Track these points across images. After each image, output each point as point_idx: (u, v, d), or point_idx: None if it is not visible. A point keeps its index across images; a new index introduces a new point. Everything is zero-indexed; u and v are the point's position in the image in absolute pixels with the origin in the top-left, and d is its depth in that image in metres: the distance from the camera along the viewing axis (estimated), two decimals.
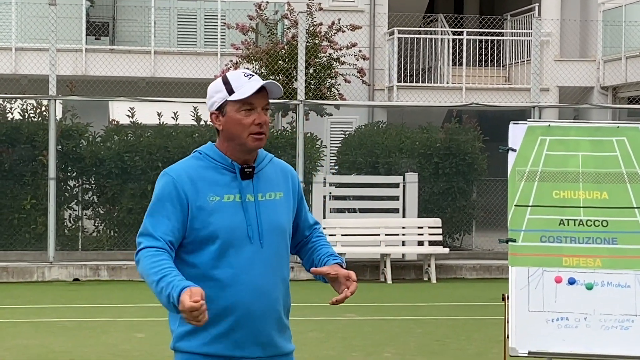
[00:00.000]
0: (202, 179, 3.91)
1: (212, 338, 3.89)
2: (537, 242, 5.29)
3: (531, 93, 17.95)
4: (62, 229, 17.30)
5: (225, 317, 3.89)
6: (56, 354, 10.07)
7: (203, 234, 3.88)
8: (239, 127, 3.92)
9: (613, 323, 5.12)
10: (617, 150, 5.32)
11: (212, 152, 3.98)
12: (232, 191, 3.93)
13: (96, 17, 22.55)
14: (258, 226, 3.93)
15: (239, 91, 3.90)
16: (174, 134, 17.67)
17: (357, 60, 20.47)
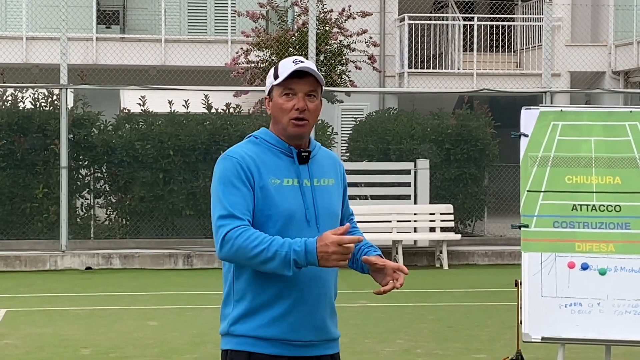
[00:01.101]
0: (263, 162, 3.92)
1: (269, 321, 3.86)
2: (550, 227, 5.27)
3: (542, 78, 17.91)
4: (74, 218, 17.35)
5: (282, 300, 3.88)
6: (69, 342, 10.09)
7: (264, 215, 3.88)
8: (280, 112, 3.94)
9: (627, 308, 5.11)
10: (630, 135, 5.30)
11: (268, 136, 3.99)
12: (291, 175, 3.94)
13: (107, 6, 22.58)
14: (315, 210, 3.95)
15: (282, 76, 3.93)
16: (185, 122, 17.67)
17: (367, 46, 20.45)
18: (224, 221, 3.81)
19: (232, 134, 17.60)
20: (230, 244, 3.77)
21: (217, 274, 16.85)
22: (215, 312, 12.42)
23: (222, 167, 3.91)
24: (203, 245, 17.17)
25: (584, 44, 23.86)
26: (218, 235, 3.82)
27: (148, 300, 13.05)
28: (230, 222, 3.80)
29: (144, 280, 15.02)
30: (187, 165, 17.54)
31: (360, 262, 4.08)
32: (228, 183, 3.87)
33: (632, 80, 23.46)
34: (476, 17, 23.37)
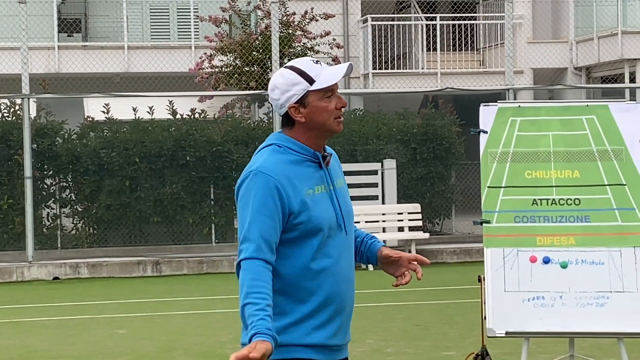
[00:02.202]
0: (295, 174, 3.83)
1: (312, 329, 3.83)
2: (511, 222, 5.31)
3: (505, 76, 18.01)
4: (40, 228, 17.26)
5: (325, 307, 3.85)
6: (37, 352, 10.05)
7: (307, 228, 3.81)
8: (325, 114, 3.87)
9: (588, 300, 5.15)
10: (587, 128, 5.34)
11: (291, 143, 3.89)
12: (319, 182, 3.89)
13: (68, 14, 22.47)
14: (342, 214, 3.92)
15: (320, 79, 3.87)
16: (150, 128, 17.63)
17: (331, 48, 20.49)
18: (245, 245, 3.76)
19: (198, 140, 17.57)
20: (239, 272, 3.75)
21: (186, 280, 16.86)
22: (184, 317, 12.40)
23: (256, 184, 3.80)
24: (172, 252, 17.14)
25: (545, 41, 23.99)
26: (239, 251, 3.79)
27: (117, 309, 12.99)
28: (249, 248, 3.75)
29: (113, 289, 14.96)
30: (153, 171, 17.50)
31: (365, 254, 4.11)
32: (260, 203, 3.77)
33: (594, 75, 23.60)
34: (438, 16, 23.44)
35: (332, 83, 3.86)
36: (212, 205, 17.86)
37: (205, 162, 17.63)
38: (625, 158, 5.33)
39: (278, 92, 3.89)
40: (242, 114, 19.60)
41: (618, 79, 22.59)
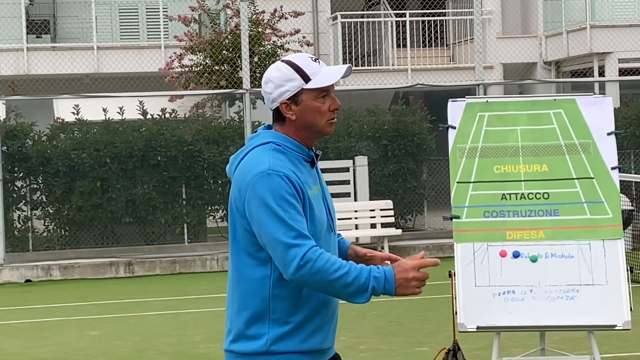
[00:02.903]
0: (298, 173, 3.76)
1: (308, 334, 3.78)
2: (481, 217, 5.31)
3: (475, 71, 18.04)
4: (11, 231, 17.18)
5: (320, 312, 3.81)
6: (10, 356, 10.00)
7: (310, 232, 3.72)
8: (318, 115, 3.78)
9: (558, 294, 5.16)
10: (555, 122, 5.35)
11: (289, 142, 3.80)
12: (314, 182, 3.83)
13: (36, 15, 22.37)
14: (330, 213, 3.88)
15: (316, 78, 3.77)
16: (120, 129, 17.58)
17: (301, 46, 20.49)
18: (298, 241, 3.62)
19: (169, 139, 17.53)
20: (310, 266, 3.60)
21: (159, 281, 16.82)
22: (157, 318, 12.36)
23: (271, 185, 3.67)
24: (144, 252, 17.09)
25: (514, 36, 24.08)
26: (291, 256, 3.62)
27: (89, 310, 12.95)
28: (305, 243, 3.62)
29: (85, 290, 14.91)
30: (124, 172, 17.45)
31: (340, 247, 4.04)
32: (284, 202, 3.66)
33: (563, 69, 23.71)
34: (408, 13, 23.50)
35: (328, 84, 3.77)
36: (184, 205, 17.82)
37: (177, 161, 17.59)
38: (593, 151, 5.35)
39: (272, 85, 3.80)
40: (212, 113, 19.57)
41: (587, 72, 22.71)
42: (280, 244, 3.63)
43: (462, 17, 23.53)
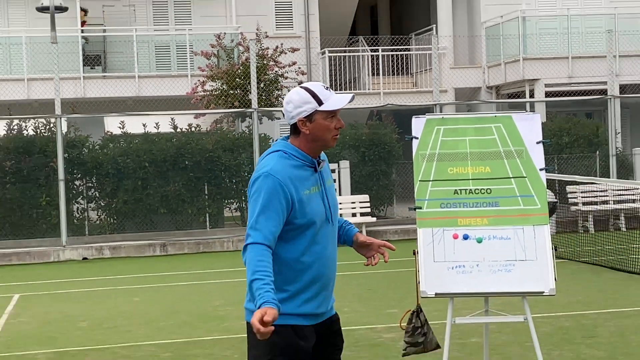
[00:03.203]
0: (296, 177, 3.75)
1: (303, 301, 3.79)
2: (438, 208, 5.30)
3: (433, 94, 18.07)
4: (71, 220, 17.17)
5: (314, 284, 3.80)
6: (70, 317, 9.99)
7: (303, 222, 3.74)
8: (326, 132, 3.78)
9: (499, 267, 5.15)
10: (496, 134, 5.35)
11: (295, 151, 3.80)
12: (314, 183, 3.81)
13: (90, 51, 22.32)
14: (330, 209, 3.87)
15: (327, 102, 3.77)
16: (156, 140, 17.59)
17: (297, 75, 20.47)
18: (251, 231, 3.69)
19: (194, 148, 17.53)
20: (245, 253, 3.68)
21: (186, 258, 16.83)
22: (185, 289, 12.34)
23: (265, 184, 3.71)
24: (175, 236, 17.09)
25: (463, 66, 24.12)
26: (246, 236, 3.72)
27: (132, 282, 12.95)
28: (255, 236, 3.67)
29: (129, 266, 14.91)
30: (159, 173, 17.44)
31: (342, 237, 4.09)
32: (268, 200, 3.69)
33: (502, 92, 23.76)
34: (380, 49, 23.49)
35: (337, 108, 3.77)
36: (206, 199, 17.82)
37: (200, 165, 17.59)
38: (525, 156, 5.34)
39: (292, 105, 3.80)
40: (228, 127, 19.57)
41: (520, 95, 22.74)
42: (248, 225, 3.73)
43: (423, 52, 23.55)
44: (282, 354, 3.75)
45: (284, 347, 3.74)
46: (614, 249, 13.99)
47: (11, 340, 8.80)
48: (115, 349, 8.16)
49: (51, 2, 19.41)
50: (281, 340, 3.74)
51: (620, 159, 18.70)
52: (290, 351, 3.76)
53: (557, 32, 22.37)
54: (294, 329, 3.78)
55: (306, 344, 3.81)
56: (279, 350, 3.74)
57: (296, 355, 3.78)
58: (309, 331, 3.83)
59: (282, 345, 3.75)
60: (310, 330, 3.83)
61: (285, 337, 3.75)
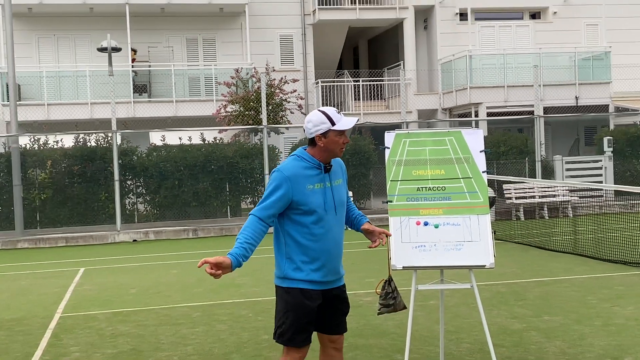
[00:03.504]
0: (302, 175, 3.81)
1: (311, 271, 3.83)
2: (405, 201, 5.29)
3: (401, 114, 18.04)
4: (124, 211, 17.14)
5: (319, 258, 3.84)
6: (123, 285, 9.97)
7: (306, 208, 3.80)
8: (336, 146, 3.84)
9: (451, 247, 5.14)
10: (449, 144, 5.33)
11: (306, 156, 3.87)
12: (319, 181, 3.85)
13: (139, 82, 22.27)
14: (334, 202, 3.89)
15: (339, 124, 3.83)
16: (189, 149, 17.55)
17: (297, 100, 20.48)
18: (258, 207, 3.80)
19: (219, 155, 17.50)
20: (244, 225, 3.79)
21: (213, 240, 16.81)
22: None
23: (275, 176, 3.82)
24: (205, 224, 17.06)
25: (424, 93, 24.13)
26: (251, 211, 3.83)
27: (171, 258, 12.92)
28: (256, 210, 3.78)
29: (169, 246, 14.88)
30: (192, 175, 17.40)
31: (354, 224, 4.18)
32: (276, 189, 3.78)
33: (453, 113, 23.77)
34: (361, 79, 23.48)
35: (346, 128, 3.83)
36: (227, 195, 17.79)
37: (223, 169, 17.56)
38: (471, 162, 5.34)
39: (311, 124, 3.86)
40: (244, 140, 19.54)
41: (468, 114, 22.76)
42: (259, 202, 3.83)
43: (393, 82, 23.55)
44: (292, 309, 3.83)
45: (294, 304, 3.81)
46: (539, 232, 14.01)
47: (78, 303, 8.78)
48: (157, 309, 8.15)
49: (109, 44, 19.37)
50: (291, 299, 3.82)
51: (544, 164, 18.73)
52: (297, 307, 3.81)
53: (496, 66, 22.39)
54: (301, 291, 3.83)
55: (311, 303, 3.84)
56: (290, 306, 3.83)
57: (302, 311, 3.83)
58: (316, 294, 3.86)
59: (292, 302, 3.82)
60: (317, 293, 3.86)
61: (294, 296, 3.83)
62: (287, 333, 3.84)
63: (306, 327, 3.85)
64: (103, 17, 22.75)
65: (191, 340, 6.67)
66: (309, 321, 3.85)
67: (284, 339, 3.85)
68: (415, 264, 5.09)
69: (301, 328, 3.83)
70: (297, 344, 3.84)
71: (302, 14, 23.75)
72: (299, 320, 3.82)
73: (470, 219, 5.17)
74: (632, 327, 6.52)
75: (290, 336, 3.83)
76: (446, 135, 5.34)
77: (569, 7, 24.91)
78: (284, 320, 3.84)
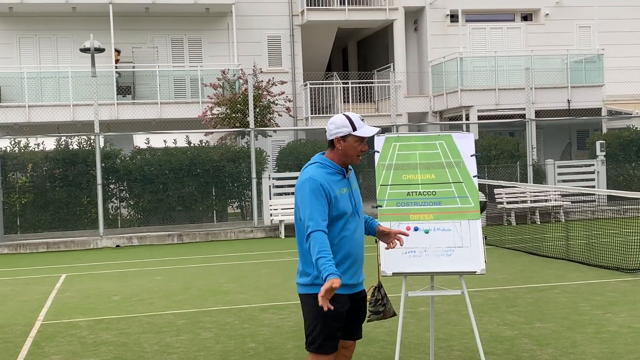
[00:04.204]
0: (331, 180, 3.86)
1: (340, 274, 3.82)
2: (395, 206, 5.30)
3: (391, 117, 18.07)
4: (107, 215, 17.05)
5: (346, 260, 3.89)
6: (106, 292, 9.92)
7: (336, 213, 3.84)
8: (354, 152, 3.90)
9: (442, 252, 5.15)
10: (439, 148, 5.35)
11: (328, 162, 3.92)
12: (344, 186, 3.92)
13: (122, 83, 22.19)
14: (357, 205, 3.97)
15: (360, 130, 3.89)
16: (174, 153, 17.49)
17: (285, 102, 20.45)
18: (310, 222, 3.75)
19: (204, 159, 17.45)
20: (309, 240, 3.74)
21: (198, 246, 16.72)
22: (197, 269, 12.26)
23: (311, 185, 3.82)
24: (190, 229, 17.00)
25: (415, 96, 24.19)
26: (306, 229, 3.76)
27: (155, 264, 12.87)
28: (313, 225, 3.74)
29: (153, 252, 14.82)
30: (177, 179, 17.35)
31: (367, 229, 4.21)
32: (315, 197, 3.79)
33: (444, 116, 23.86)
34: (350, 82, 23.52)
35: (366, 136, 3.90)
36: (213, 199, 17.74)
37: (209, 172, 17.51)
38: (462, 166, 5.35)
39: (334, 126, 3.93)
40: (231, 143, 19.51)
41: (459, 118, 22.85)
42: (305, 219, 3.78)
43: (383, 84, 23.60)
44: (322, 315, 3.82)
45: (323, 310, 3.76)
46: (531, 237, 14.07)
47: (59, 310, 8.73)
48: (141, 317, 8.11)
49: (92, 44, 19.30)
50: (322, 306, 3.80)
51: (535, 168, 18.82)
52: (328, 313, 3.80)
53: (487, 69, 22.49)
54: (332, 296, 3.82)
55: (341, 308, 3.87)
56: (320, 313, 3.80)
57: (332, 316, 3.84)
58: (344, 298, 3.89)
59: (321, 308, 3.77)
60: (345, 298, 3.90)
61: None
62: (318, 340, 3.85)
63: (335, 333, 3.88)
64: (86, 16, 22.68)
65: (175, 348, 6.64)
66: (338, 327, 3.89)
67: (315, 346, 3.86)
68: (406, 270, 5.09)
69: (331, 334, 3.86)
70: (327, 350, 3.86)
71: (290, 15, 23.77)
72: (329, 326, 3.85)
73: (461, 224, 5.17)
74: (625, 335, 6.56)
75: (321, 343, 3.85)
76: (436, 139, 5.35)
77: (561, 9, 25.08)
78: (313, 327, 3.86)
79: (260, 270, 11.21)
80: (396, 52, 24.23)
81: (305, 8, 23.42)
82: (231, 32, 23.14)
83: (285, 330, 7.14)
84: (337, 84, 23.36)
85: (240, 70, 20.92)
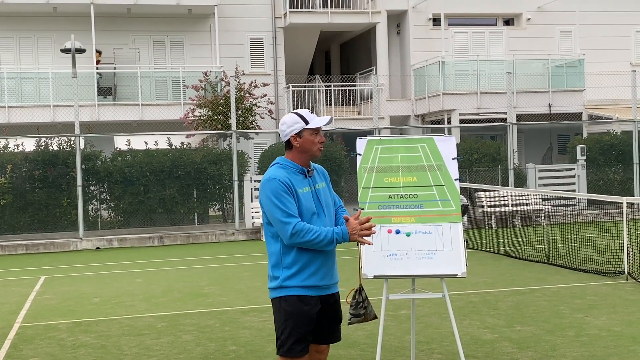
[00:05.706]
0: (292, 180, 3.84)
1: (308, 275, 3.82)
2: (376, 209, 5.31)
3: (373, 120, 18.12)
4: (87, 217, 16.93)
5: (313, 262, 3.84)
6: (85, 295, 9.85)
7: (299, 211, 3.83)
8: (312, 144, 3.89)
9: (423, 255, 5.16)
10: (421, 151, 5.36)
11: (288, 163, 3.91)
12: (306, 185, 3.90)
13: (103, 84, 22.07)
14: (321, 205, 3.94)
15: (312, 122, 3.88)
16: (155, 155, 17.41)
17: (267, 104, 20.43)
18: (288, 219, 3.73)
19: (186, 161, 17.38)
20: (299, 235, 3.71)
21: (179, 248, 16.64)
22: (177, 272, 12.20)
23: (271, 186, 3.80)
24: (171, 231, 16.93)
25: (397, 99, 24.27)
26: (286, 230, 3.72)
27: (135, 267, 12.80)
28: (292, 220, 3.73)
29: (133, 254, 14.73)
30: (158, 181, 17.26)
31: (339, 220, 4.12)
32: (280, 196, 3.77)
33: (426, 119, 23.94)
34: (333, 84, 23.55)
35: (319, 126, 3.88)
36: (194, 202, 17.68)
37: (191, 175, 17.45)
38: (444, 169, 5.38)
39: (286, 125, 3.92)
40: (213, 145, 19.45)
41: (440, 121, 22.94)
42: (279, 222, 3.75)
43: (365, 87, 23.65)
44: (291, 318, 3.81)
45: (292, 313, 3.80)
46: (512, 241, 14.16)
47: (38, 312, 8.65)
48: (121, 319, 8.06)
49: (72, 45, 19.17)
50: (289, 307, 3.81)
51: (516, 172, 18.95)
52: (296, 315, 3.80)
53: (469, 73, 22.62)
54: (299, 298, 3.83)
55: (310, 310, 3.84)
56: (288, 315, 3.81)
57: (301, 318, 3.82)
58: (314, 300, 3.86)
59: (290, 311, 3.81)
60: (315, 299, 3.86)
61: (291, 304, 3.83)
62: (287, 343, 3.82)
63: (305, 336, 3.84)
64: (67, 17, 22.52)
65: (155, 351, 6.61)
66: (308, 330, 3.85)
67: (284, 349, 3.83)
68: (387, 273, 5.10)
69: (300, 337, 3.82)
70: (296, 354, 3.83)
71: (272, 17, 23.76)
72: (297, 328, 3.82)
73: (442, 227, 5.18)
74: (605, 338, 6.61)
75: (290, 346, 3.82)
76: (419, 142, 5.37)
77: (543, 14, 25.29)
78: (282, 330, 3.83)
79: (242, 273, 11.19)
80: (379, 55, 24.29)
81: (288, 10, 23.43)
82: (213, 34, 23.09)
83: (266, 333, 7.13)
84: (320, 87, 23.38)
85: (222, 72, 20.88)
